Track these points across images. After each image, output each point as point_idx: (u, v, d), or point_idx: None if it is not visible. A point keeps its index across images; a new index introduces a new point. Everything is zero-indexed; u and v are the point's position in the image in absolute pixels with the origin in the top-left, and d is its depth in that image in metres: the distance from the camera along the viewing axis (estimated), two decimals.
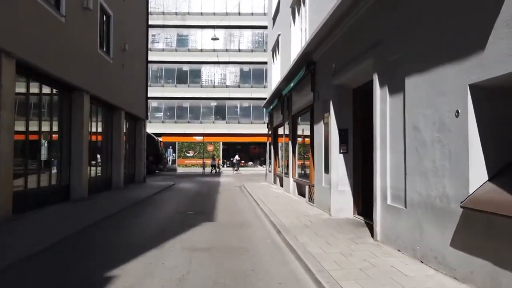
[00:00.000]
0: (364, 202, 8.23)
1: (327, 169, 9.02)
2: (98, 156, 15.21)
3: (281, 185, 17.36)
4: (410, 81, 5.16)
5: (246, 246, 6.30)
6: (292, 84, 11.98)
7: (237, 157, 34.51)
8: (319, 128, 9.77)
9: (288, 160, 14.39)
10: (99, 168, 15.12)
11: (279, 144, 17.89)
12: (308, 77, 10.67)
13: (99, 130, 15.07)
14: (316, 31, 8.67)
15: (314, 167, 11.19)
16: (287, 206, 10.65)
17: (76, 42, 11.47)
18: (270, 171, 20.20)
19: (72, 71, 11.18)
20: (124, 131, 18.03)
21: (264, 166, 36.24)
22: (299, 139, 13.87)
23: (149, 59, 37.85)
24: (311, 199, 11.14)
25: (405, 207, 5.31)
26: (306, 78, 10.98)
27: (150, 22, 35.04)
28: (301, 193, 13.33)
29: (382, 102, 6.03)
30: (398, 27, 5.51)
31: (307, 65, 10.42)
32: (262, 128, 36.83)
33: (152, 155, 27.54)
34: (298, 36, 13.13)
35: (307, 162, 12.87)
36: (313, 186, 10.90)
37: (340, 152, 8.46)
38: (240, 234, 7.28)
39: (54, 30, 10.07)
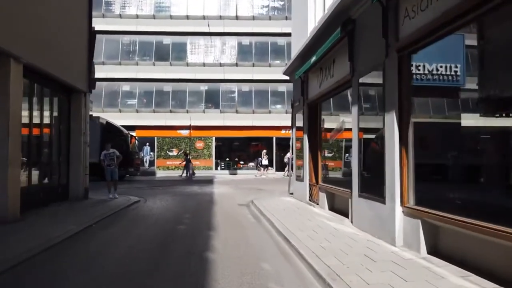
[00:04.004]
0: None
1: None
2: None
3: (333, 209, 9.03)
4: None
5: None
6: None
7: (289, 155, 25.68)
8: None
9: (383, 163, 6.01)
10: None
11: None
12: None
13: None
14: None
15: None
16: None
17: None
18: (301, 180, 11.74)
19: None
20: (32, 107, 9.51)
21: (271, 168, 27.85)
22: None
23: (119, 29, 29.47)
24: None
25: None
26: None
27: None
28: (454, 257, 4.96)
29: None
30: None
31: None
32: (266, 119, 28.62)
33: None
34: None
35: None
36: None
37: None
38: None
39: None
